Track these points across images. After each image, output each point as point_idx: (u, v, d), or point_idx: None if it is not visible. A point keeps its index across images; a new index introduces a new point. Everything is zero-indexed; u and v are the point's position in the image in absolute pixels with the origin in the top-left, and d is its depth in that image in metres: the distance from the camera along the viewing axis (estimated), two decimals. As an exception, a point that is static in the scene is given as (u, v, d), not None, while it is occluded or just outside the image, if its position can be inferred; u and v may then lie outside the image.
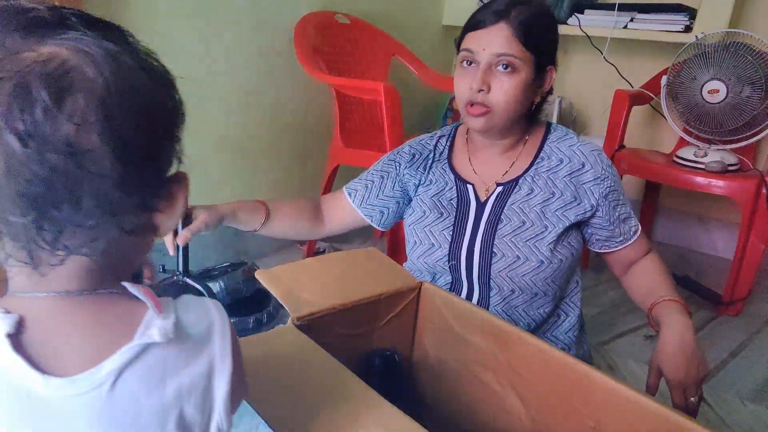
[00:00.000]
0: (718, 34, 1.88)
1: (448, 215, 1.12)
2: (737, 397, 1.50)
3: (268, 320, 1.65)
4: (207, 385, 0.45)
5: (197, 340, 0.45)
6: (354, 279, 0.92)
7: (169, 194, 0.45)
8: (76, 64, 0.38)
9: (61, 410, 0.40)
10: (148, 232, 0.45)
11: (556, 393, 0.77)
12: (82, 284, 0.43)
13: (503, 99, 1.02)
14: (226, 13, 1.76)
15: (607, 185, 1.06)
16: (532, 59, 1.02)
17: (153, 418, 0.42)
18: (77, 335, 0.42)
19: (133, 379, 0.41)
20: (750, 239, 1.88)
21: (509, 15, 1.00)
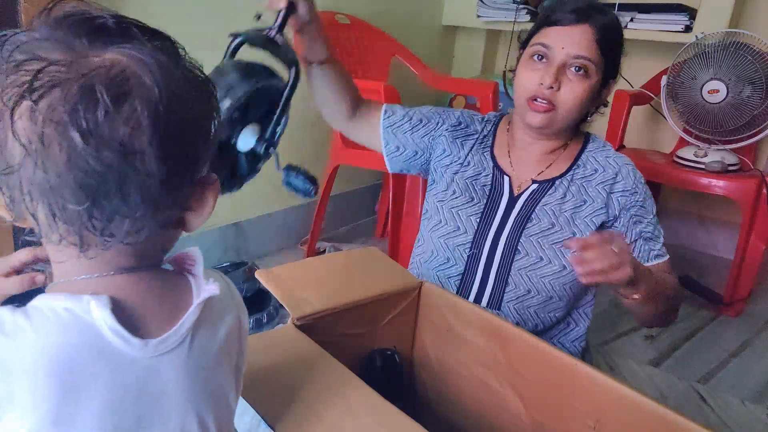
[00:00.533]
0: (718, 34, 1.88)
1: (478, 201, 1.11)
2: (737, 397, 1.50)
3: (268, 320, 1.65)
4: (238, 324, 0.56)
5: (226, 295, 0.54)
6: (354, 279, 0.92)
7: (201, 195, 0.48)
8: (135, 72, 0.42)
9: (150, 367, 0.46)
10: (178, 228, 0.50)
11: (556, 393, 0.77)
12: (125, 266, 0.47)
13: (570, 100, 1.02)
14: (225, 13, 1.76)
15: (634, 200, 1.06)
16: (603, 67, 1.02)
17: (215, 357, 0.51)
18: (150, 303, 0.48)
19: (202, 330, 0.50)
20: (750, 239, 1.88)
21: (592, 17, 1.00)
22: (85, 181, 0.40)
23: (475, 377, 0.89)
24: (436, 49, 2.71)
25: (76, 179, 0.40)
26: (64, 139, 0.39)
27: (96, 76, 0.40)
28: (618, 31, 1.05)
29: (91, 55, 0.42)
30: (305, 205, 2.21)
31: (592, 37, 1.00)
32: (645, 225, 1.07)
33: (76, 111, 0.39)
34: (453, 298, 0.91)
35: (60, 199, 0.41)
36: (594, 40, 1.00)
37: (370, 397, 0.66)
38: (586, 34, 1.00)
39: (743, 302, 1.94)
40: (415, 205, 1.76)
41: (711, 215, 2.45)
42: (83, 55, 0.41)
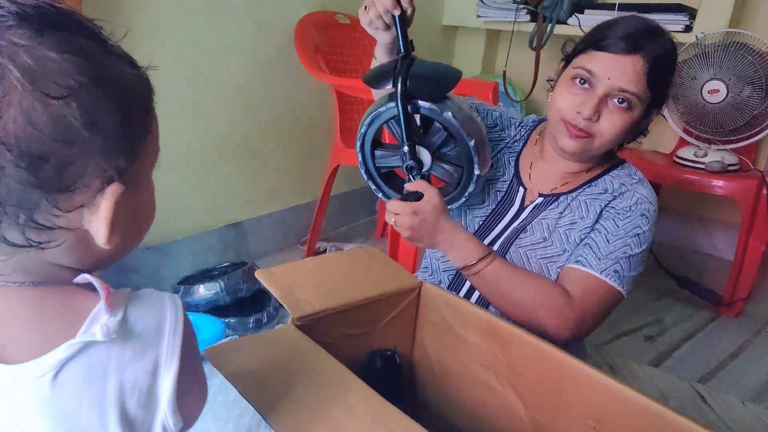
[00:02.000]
0: (718, 34, 1.88)
1: (488, 205, 1.10)
2: (737, 397, 1.50)
3: (268, 320, 1.65)
4: (151, 383, 0.44)
5: (144, 338, 0.44)
6: (354, 279, 0.92)
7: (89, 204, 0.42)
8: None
9: (9, 395, 0.41)
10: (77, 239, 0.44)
11: (557, 393, 0.77)
12: (29, 275, 0.44)
13: (608, 133, 0.97)
14: (226, 13, 1.76)
15: (624, 221, 0.99)
16: (648, 100, 0.96)
17: (94, 411, 0.42)
18: (20, 325, 0.43)
19: (74, 374, 0.42)
20: (750, 240, 1.88)
21: (646, 47, 0.93)
22: None
23: (475, 377, 0.88)
24: (436, 49, 2.71)
25: None
26: None
27: None
28: (671, 60, 0.97)
29: None
30: (305, 205, 2.21)
31: (642, 70, 0.93)
32: (598, 236, 0.99)
33: None
34: (453, 298, 0.91)
35: None
36: (644, 73, 0.93)
37: (370, 397, 0.66)
38: (636, 66, 0.93)
39: (743, 302, 1.94)
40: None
41: (711, 215, 2.45)
42: None
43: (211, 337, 1.44)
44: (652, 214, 1.01)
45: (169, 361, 0.45)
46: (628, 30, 0.94)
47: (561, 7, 2.26)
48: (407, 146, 0.96)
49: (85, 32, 0.42)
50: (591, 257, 0.98)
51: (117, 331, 0.42)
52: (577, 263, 0.98)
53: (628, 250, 0.98)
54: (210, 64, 1.77)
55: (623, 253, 0.98)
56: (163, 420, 0.46)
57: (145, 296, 0.46)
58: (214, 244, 1.93)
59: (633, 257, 0.98)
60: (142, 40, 1.52)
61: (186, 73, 1.69)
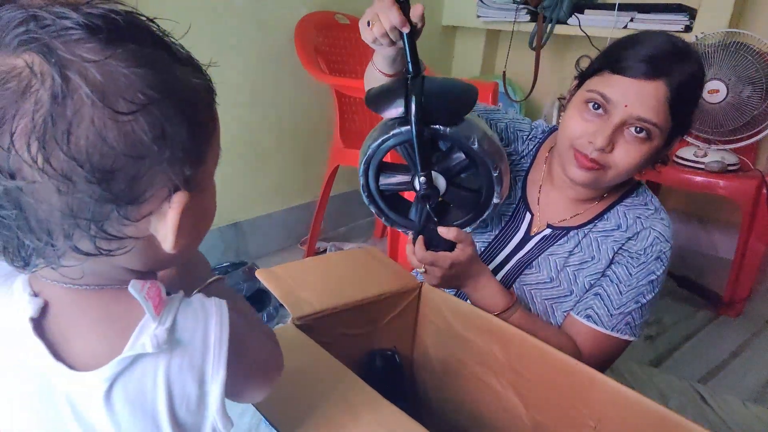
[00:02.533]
0: (718, 34, 1.88)
1: (492, 230, 1.03)
2: (738, 397, 1.50)
3: (268, 320, 1.65)
4: (200, 393, 0.45)
5: (191, 348, 0.44)
6: (354, 279, 0.92)
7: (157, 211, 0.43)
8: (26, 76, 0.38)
9: (67, 396, 0.43)
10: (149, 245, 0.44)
11: (557, 393, 0.77)
12: (98, 278, 0.45)
13: (623, 164, 0.87)
14: (226, 13, 1.76)
15: (638, 268, 0.93)
16: (670, 129, 0.86)
17: (148, 419, 0.44)
18: (86, 328, 0.44)
19: (127, 386, 0.43)
20: (750, 240, 1.88)
21: (670, 72, 0.82)
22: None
23: (475, 377, 0.88)
24: (436, 49, 2.71)
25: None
26: None
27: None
28: (697, 84, 0.86)
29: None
30: (305, 205, 2.21)
31: (665, 98, 0.82)
32: (610, 286, 0.94)
33: None
34: (453, 298, 0.91)
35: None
36: (666, 101, 0.82)
37: (370, 397, 0.66)
38: (659, 93, 0.82)
39: (743, 302, 1.95)
40: (415, 205, 1.75)
41: (711, 215, 2.45)
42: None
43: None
44: (667, 254, 0.94)
45: (215, 371, 0.45)
46: (651, 51, 0.83)
47: (561, 7, 2.26)
48: (423, 176, 0.84)
49: (151, 41, 0.43)
50: (602, 312, 0.93)
51: (166, 341, 0.43)
52: (588, 319, 0.93)
53: (641, 298, 0.93)
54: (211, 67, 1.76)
55: (636, 303, 0.93)
56: (213, 423, 0.46)
57: (193, 304, 0.46)
58: (214, 244, 1.93)
59: (645, 305, 0.94)
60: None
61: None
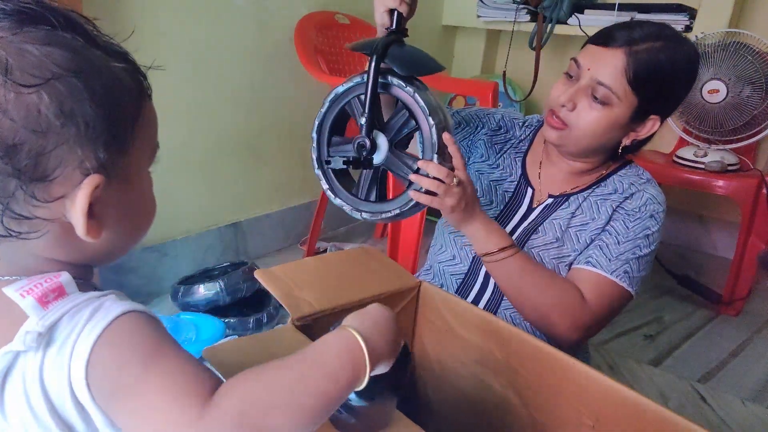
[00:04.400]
0: (718, 34, 1.88)
1: (496, 206, 1.09)
2: (737, 397, 1.50)
3: (268, 320, 1.65)
4: (69, 391, 0.41)
5: (64, 347, 0.41)
6: (354, 279, 0.92)
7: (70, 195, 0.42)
8: None
9: None
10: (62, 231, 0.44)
11: (555, 392, 0.77)
12: (12, 268, 0.44)
13: (582, 125, 0.96)
14: (226, 13, 1.76)
15: (634, 223, 0.99)
16: (633, 102, 0.93)
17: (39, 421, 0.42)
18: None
19: (14, 384, 0.41)
20: (750, 239, 1.88)
21: (632, 44, 0.90)
22: None
23: (474, 377, 0.89)
24: (436, 49, 2.71)
25: None
26: None
27: None
28: (670, 67, 0.91)
29: None
30: (305, 205, 2.21)
31: (622, 66, 0.90)
32: (610, 237, 0.99)
33: None
34: (452, 298, 0.91)
35: None
36: (623, 69, 0.90)
37: (369, 397, 0.66)
38: (616, 59, 0.91)
39: (743, 301, 1.95)
40: (414, 204, 1.76)
41: (711, 215, 2.45)
42: None
43: (210, 337, 1.44)
44: (661, 215, 1.01)
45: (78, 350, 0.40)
46: (623, 28, 0.92)
47: (561, 7, 2.26)
48: (365, 118, 0.87)
49: (70, 28, 0.43)
50: (602, 258, 0.98)
51: (37, 340, 0.40)
52: (588, 264, 0.98)
53: (638, 251, 0.98)
54: (210, 64, 1.77)
55: (633, 254, 0.98)
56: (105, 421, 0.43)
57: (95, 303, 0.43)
58: (214, 244, 1.93)
59: (642, 258, 0.99)
60: (142, 40, 1.52)
61: (186, 73, 1.70)
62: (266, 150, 2.04)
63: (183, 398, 0.40)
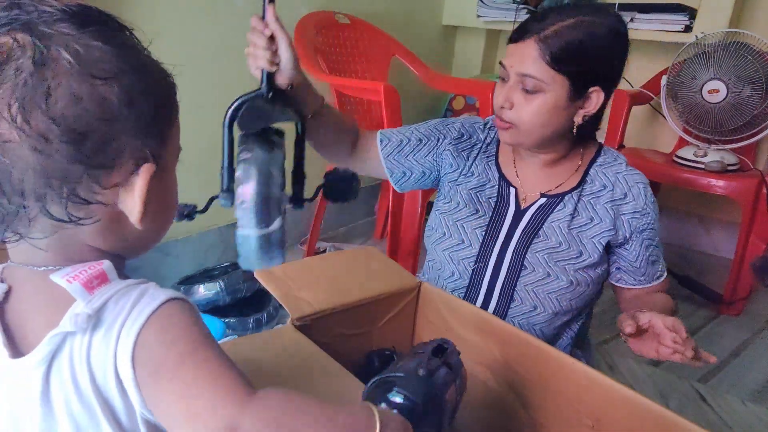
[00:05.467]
0: (718, 34, 1.88)
1: (483, 213, 1.08)
2: (738, 397, 1.50)
3: (268, 320, 1.65)
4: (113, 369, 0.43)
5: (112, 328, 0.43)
6: (353, 279, 0.92)
7: (125, 183, 0.46)
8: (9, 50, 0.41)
9: (17, 379, 0.44)
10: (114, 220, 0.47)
11: (555, 392, 0.77)
12: (59, 256, 0.46)
13: (525, 119, 0.98)
14: (226, 13, 1.77)
15: (645, 222, 1.03)
16: (564, 81, 0.95)
17: (84, 403, 0.44)
18: (36, 311, 0.46)
19: (62, 366, 0.43)
20: (750, 239, 1.88)
21: (541, 31, 0.94)
22: None
23: (473, 377, 0.88)
24: (436, 49, 2.71)
25: None
26: None
27: None
28: (586, 38, 0.94)
29: None
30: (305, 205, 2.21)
31: (536, 53, 0.94)
32: (653, 248, 1.05)
33: None
34: (452, 298, 0.91)
35: None
36: (538, 56, 0.94)
37: (368, 397, 0.66)
38: (529, 49, 0.94)
39: (743, 301, 1.95)
40: (414, 205, 1.76)
41: (711, 215, 2.45)
42: None
43: (211, 337, 1.44)
44: (648, 187, 1.06)
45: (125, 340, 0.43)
46: (531, 18, 0.97)
47: (561, 6, 2.26)
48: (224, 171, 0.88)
49: (121, 30, 0.48)
50: (660, 266, 1.08)
51: (87, 321, 0.42)
52: (658, 279, 1.08)
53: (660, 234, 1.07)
54: (211, 64, 1.77)
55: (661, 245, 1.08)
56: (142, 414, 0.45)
57: (141, 288, 0.46)
58: (214, 244, 1.93)
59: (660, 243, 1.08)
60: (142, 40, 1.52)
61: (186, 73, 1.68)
62: (266, 150, 2.03)
63: (229, 386, 0.43)
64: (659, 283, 1.08)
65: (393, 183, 1.15)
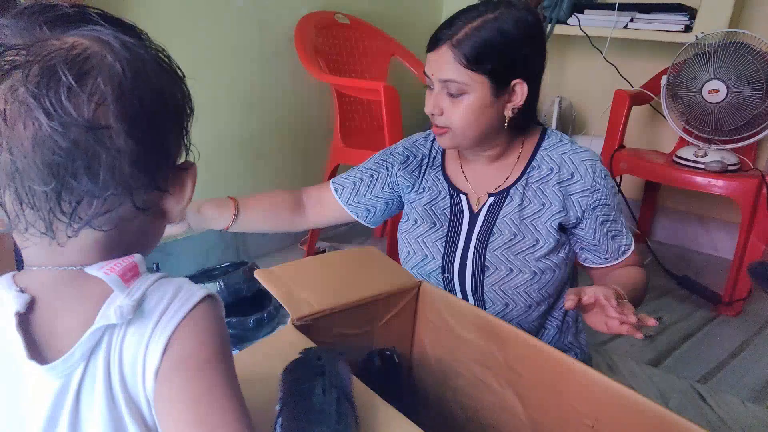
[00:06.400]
0: (718, 34, 1.87)
1: (441, 226, 1.10)
2: (738, 397, 1.51)
3: (269, 320, 1.65)
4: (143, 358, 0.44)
5: (149, 319, 0.44)
6: (353, 279, 0.92)
7: (178, 180, 0.49)
8: (97, 51, 0.43)
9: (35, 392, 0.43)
10: (158, 215, 0.49)
11: (555, 392, 0.77)
12: (92, 260, 0.46)
13: (456, 121, 1.00)
14: (226, 13, 1.77)
15: (595, 198, 1.02)
16: (484, 80, 0.97)
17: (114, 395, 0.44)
18: (66, 312, 0.45)
19: (98, 361, 0.44)
20: (750, 239, 1.87)
21: (451, 36, 0.96)
22: (51, 159, 0.40)
23: (473, 377, 0.89)
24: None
25: (43, 159, 0.40)
26: (29, 118, 0.40)
27: (57, 56, 0.41)
28: (495, 36, 0.95)
29: (52, 39, 0.43)
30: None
31: (451, 57, 0.96)
32: (611, 223, 1.05)
33: (38, 90, 0.40)
34: (452, 298, 0.91)
35: (27, 181, 0.41)
36: (453, 60, 0.96)
37: (368, 398, 0.66)
38: (444, 56, 0.97)
39: (743, 302, 1.94)
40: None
41: (711, 215, 2.45)
42: (43, 39, 0.42)
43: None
44: (602, 165, 1.05)
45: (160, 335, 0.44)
46: (442, 25, 0.99)
47: (561, 7, 2.25)
48: None
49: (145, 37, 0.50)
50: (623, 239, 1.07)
51: (132, 311, 0.43)
52: (625, 253, 1.07)
53: (620, 207, 1.08)
54: (211, 64, 1.77)
55: (621, 214, 1.07)
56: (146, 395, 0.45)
57: (175, 282, 0.47)
58: (215, 244, 1.93)
59: (622, 212, 1.08)
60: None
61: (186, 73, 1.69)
62: (266, 149, 2.04)
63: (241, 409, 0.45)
64: (627, 257, 1.07)
65: (362, 221, 1.20)
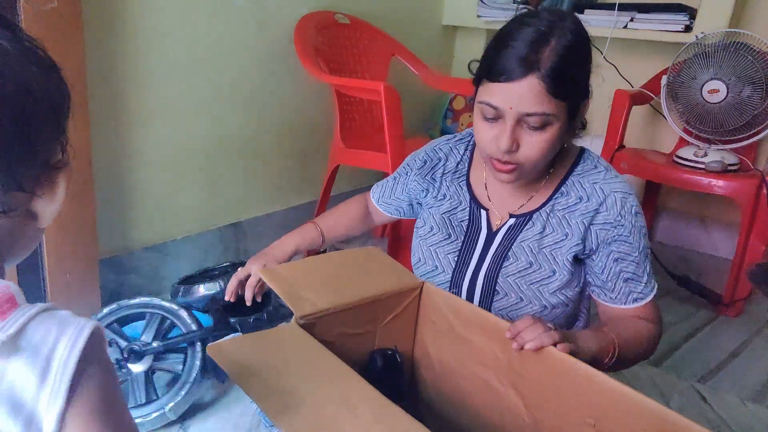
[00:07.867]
0: (719, 34, 1.88)
1: (456, 238, 1.06)
2: (737, 397, 1.51)
3: (269, 320, 1.65)
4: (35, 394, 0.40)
5: (34, 357, 0.41)
6: (356, 278, 0.92)
7: (49, 180, 0.45)
8: None
9: None
10: (27, 219, 0.45)
11: (556, 392, 0.78)
12: None
13: (534, 156, 0.91)
14: (226, 13, 1.76)
15: (615, 233, 0.95)
16: (566, 107, 0.90)
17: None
18: None
19: None
20: (750, 239, 1.88)
21: (540, 64, 0.85)
22: None
23: (475, 377, 0.89)
24: (436, 49, 2.71)
25: None
26: None
27: None
28: (578, 53, 0.89)
29: None
30: (305, 205, 2.21)
31: (542, 88, 0.85)
32: (627, 264, 0.97)
33: None
34: (454, 298, 0.91)
35: None
36: (544, 91, 0.85)
37: (371, 396, 0.66)
38: (535, 88, 0.85)
39: (743, 302, 1.95)
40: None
41: (711, 215, 2.45)
42: None
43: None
44: (637, 202, 0.98)
45: (52, 399, 0.40)
46: (521, 52, 0.86)
47: (561, 7, 2.26)
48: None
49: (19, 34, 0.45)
50: (638, 286, 0.98)
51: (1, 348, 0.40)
52: (636, 302, 0.98)
53: (645, 255, 0.99)
54: (210, 63, 1.77)
55: (645, 263, 0.98)
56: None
57: (59, 315, 0.43)
58: (214, 244, 1.93)
59: (648, 257, 1.00)
60: (142, 40, 1.52)
61: (186, 73, 1.69)
62: (266, 150, 2.03)
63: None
64: (639, 306, 0.98)
65: (399, 217, 1.25)
